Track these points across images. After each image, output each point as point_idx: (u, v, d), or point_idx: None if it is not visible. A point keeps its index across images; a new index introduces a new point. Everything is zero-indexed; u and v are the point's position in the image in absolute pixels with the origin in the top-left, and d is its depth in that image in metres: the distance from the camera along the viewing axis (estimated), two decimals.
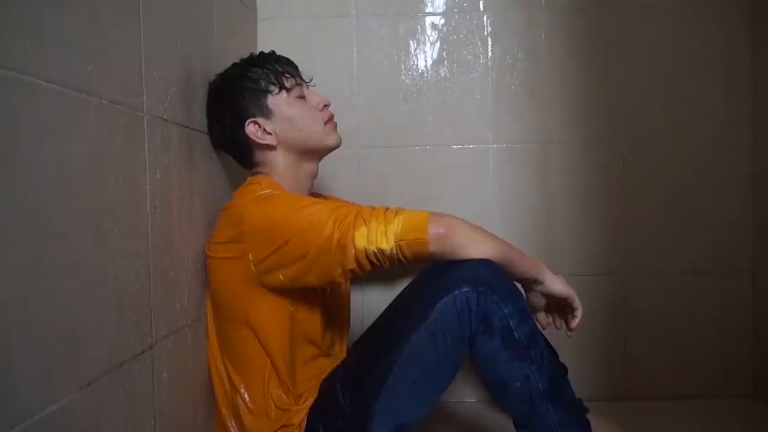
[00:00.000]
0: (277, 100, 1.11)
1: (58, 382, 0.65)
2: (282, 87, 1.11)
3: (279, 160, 1.12)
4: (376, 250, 0.94)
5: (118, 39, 0.79)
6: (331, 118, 1.15)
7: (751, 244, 1.53)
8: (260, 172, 1.14)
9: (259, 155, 1.12)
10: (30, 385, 0.60)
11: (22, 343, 0.59)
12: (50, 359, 0.63)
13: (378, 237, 0.94)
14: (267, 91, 1.10)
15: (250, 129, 1.09)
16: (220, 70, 1.15)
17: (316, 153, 1.15)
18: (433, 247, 0.95)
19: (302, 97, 1.14)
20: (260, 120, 1.10)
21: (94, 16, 0.73)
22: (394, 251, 0.95)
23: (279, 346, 1.04)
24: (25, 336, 0.59)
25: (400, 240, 0.94)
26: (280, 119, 1.10)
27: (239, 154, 1.15)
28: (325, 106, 1.15)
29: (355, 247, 0.94)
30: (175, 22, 1.00)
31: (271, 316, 1.03)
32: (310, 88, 1.17)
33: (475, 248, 0.97)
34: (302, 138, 1.11)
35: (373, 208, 0.98)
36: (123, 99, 0.80)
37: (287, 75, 1.12)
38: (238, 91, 1.10)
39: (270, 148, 1.11)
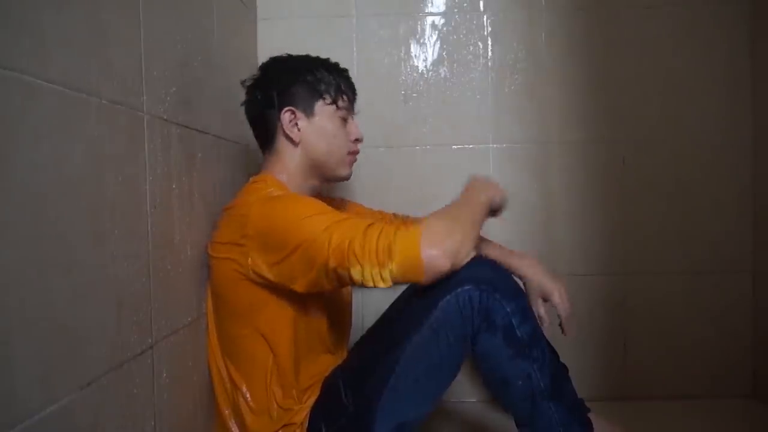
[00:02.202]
0: (323, 108, 1.12)
1: (58, 382, 0.64)
2: (334, 101, 1.12)
3: (294, 159, 1.12)
4: (373, 286, 0.93)
5: (118, 39, 0.79)
6: (355, 153, 1.17)
7: (751, 244, 1.53)
8: (266, 168, 1.14)
9: (280, 143, 1.12)
10: (30, 385, 0.60)
11: (22, 343, 0.59)
12: (50, 359, 0.63)
13: (374, 278, 0.92)
14: (321, 96, 1.11)
15: (286, 115, 1.10)
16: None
17: (325, 174, 1.15)
18: (429, 281, 0.93)
19: (344, 120, 1.15)
20: (299, 113, 1.10)
21: (94, 16, 0.73)
22: (391, 285, 0.94)
23: (282, 344, 1.04)
24: (25, 336, 0.59)
25: (396, 279, 0.92)
26: (316, 125, 1.11)
27: (263, 132, 1.15)
28: (357, 140, 1.17)
29: (351, 279, 0.93)
30: (175, 22, 1.00)
31: (274, 314, 1.03)
32: (354, 119, 1.18)
33: (467, 256, 0.95)
34: (322, 152, 1.12)
35: (364, 241, 0.92)
36: (123, 99, 0.80)
37: (345, 96, 1.14)
38: (299, 78, 1.11)
39: (292, 142, 1.11)
